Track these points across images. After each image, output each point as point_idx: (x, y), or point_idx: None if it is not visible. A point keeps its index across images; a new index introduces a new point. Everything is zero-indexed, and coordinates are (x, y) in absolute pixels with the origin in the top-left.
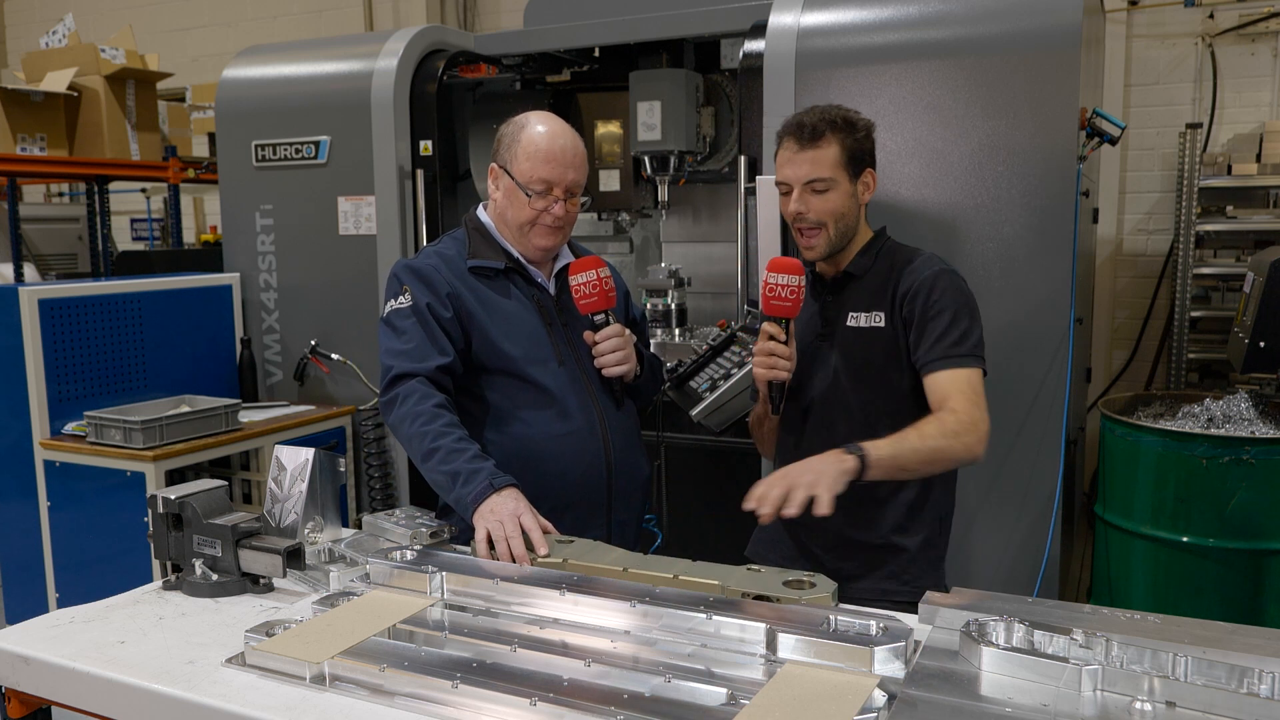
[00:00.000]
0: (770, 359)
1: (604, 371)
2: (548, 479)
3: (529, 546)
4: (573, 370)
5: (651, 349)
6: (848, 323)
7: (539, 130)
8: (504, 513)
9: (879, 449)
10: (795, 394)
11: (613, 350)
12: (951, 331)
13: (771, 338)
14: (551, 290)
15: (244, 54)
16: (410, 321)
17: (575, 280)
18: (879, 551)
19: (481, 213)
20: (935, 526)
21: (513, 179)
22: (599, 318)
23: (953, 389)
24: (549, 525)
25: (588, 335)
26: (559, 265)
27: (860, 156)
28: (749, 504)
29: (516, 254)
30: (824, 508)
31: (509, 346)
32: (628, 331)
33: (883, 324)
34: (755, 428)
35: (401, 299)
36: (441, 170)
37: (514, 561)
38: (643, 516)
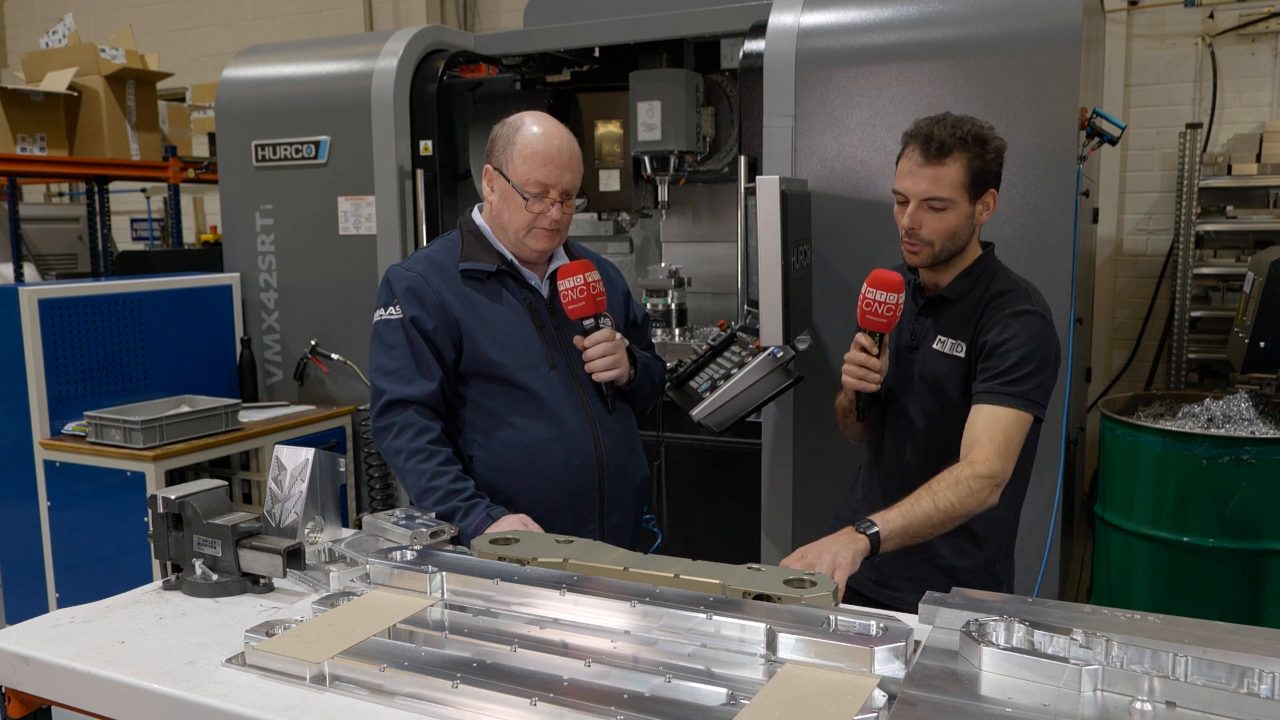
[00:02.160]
0: (860, 370)
1: (594, 376)
2: (539, 484)
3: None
4: (564, 374)
5: (653, 347)
6: (934, 345)
7: (534, 132)
8: (508, 530)
9: (890, 523)
10: (883, 398)
11: (601, 355)
12: (1013, 370)
13: (864, 349)
14: (545, 292)
15: (244, 54)
16: (399, 336)
17: (563, 285)
18: (939, 575)
19: (476, 215)
20: (996, 549)
21: (509, 181)
22: (588, 322)
23: (984, 433)
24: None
25: (577, 340)
26: (552, 267)
27: (985, 177)
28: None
29: (510, 256)
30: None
31: (498, 353)
32: (618, 336)
33: (962, 354)
34: (837, 414)
35: (391, 310)
36: (441, 170)
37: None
38: (639, 520)
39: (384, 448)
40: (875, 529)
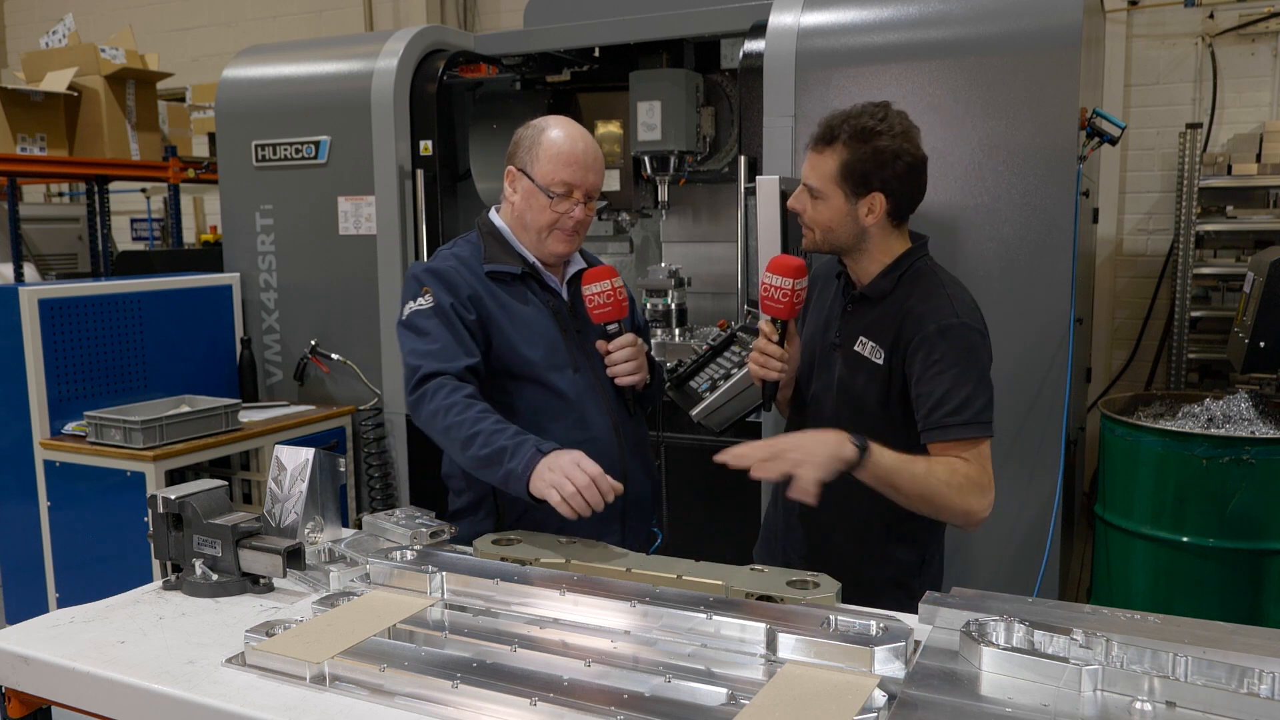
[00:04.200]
0: (761, 357)
1: (617, 381)
2: None
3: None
4: (588, 377)
5: (651, 350)
6: (855, 346)
7: (560, 133)
8: (563, 464)
9: (884, 458)
10: (799, 394)
11: (626, 360)
12: (956, 397)
13: (765, 335)
14: (565, 296)
15: (244, 54)
16: (434, 322)
17: (590, 290)
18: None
19: (495, 216)
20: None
21: (533, 181)
22: (612, 327)
23: (958, 458)
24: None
25: (600, 344)
26: (570, 271)
27: (864, 177)
28: (722, 457)
29: (532, 259)
30: (808, 496)
31: (529, 351)
32: (640, 341)
33: (880, 361)
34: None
35: (422, 300)
36: (441, 170)
37: (602, 502)
38: (651, 523)
39: (421, 417)
40: (867, 448)
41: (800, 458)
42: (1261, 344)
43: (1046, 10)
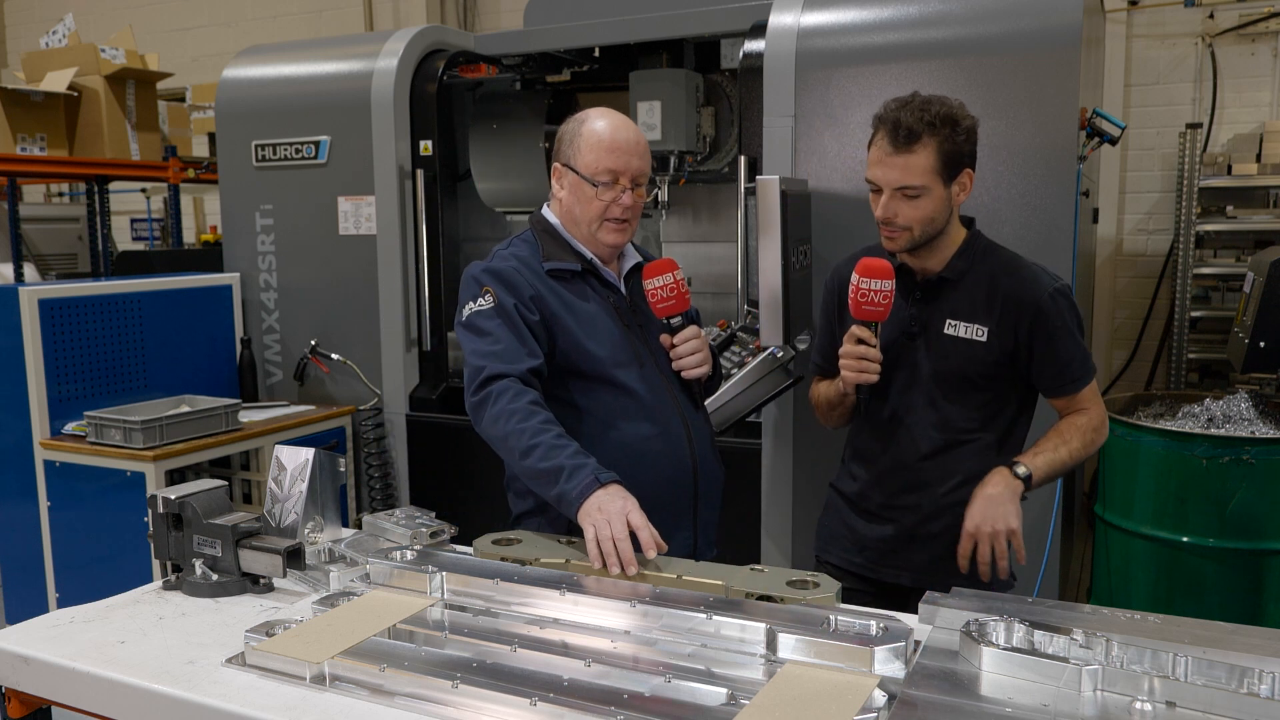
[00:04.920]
0: (860, 363)
1: (684, 374)
2: (641, 482)
3: (636, 548)
4: (652, 372)
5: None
6: (945, 330)
7: (600, 123)
8: (612, 511)
9: (1038, 468)
10: (878, 395)
11: (693, 352)
12: (1079, 352)
13: (861, 341)
14: (623, 290)
15: (244, 54)
16: (496, 323)
17: (653, 284)
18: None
19: (547, 212)
20: None
21: (578, 173)
22: (676, 320)
23: (1082, 398)
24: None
25: (664, 338)
26: (626, 265)
27: (958, 159)
28: (964, 565)
29: (589, 255)
30: (1021, 554)
31: (596, 348)
32: (702, 333)
33: (984, 338)
34: (822, 409)
35: (482, 301)
36: (441, 170)
37: (621, 567)
38: (719, 516)
39: (483, 420)
40: (1029, 474)
41: (1005, 524)
42: (1261, 344)
43: (1046, 10)
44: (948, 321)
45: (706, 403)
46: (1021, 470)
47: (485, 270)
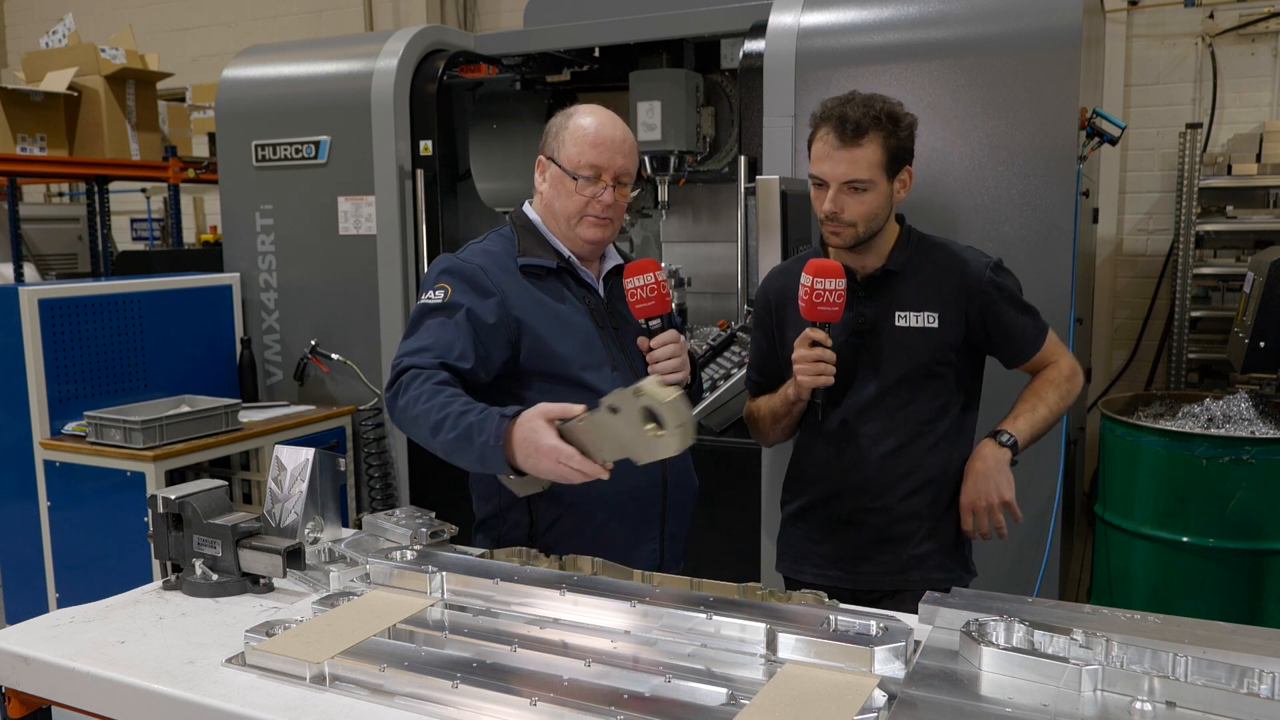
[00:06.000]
0: (818, 365)
1: (661, 379)
2: (603, 490)
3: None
4: (626, 376)
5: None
6: (896, 322)
7: (587, 118)
8: (541, 446)
9: (1020, 431)
10: (831, 400)
11: (670, 357)
12: (1027, 317)
13: (815, 343)
14: (601, 292)
15: (244, 54)
16: (438, 320)
17: (632, 283)
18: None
19: (529, 209)
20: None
21: (560, 167)
22: (654, 323)
23: (1046, 354)
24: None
25: (642, 341)
26: (607, 266)
27: (900, 155)
28: (973, 535)
29: (567, 253)
30: (1017, 514)
31: (561, 348)
32: (681, 337)
33: (936, 324)
34: (764, 422)
35: (433, 295)
36: (441, 170)
37: (589, 476)
38: (691, 530)
39: (395, 414)
40: (1013, 439)
41: (1001, 492)
42: (1261, 344)
43: (1046, 10)
44: (897, 314)
45: (706, 402)
46: (1005, 438)
47: (446, 270)
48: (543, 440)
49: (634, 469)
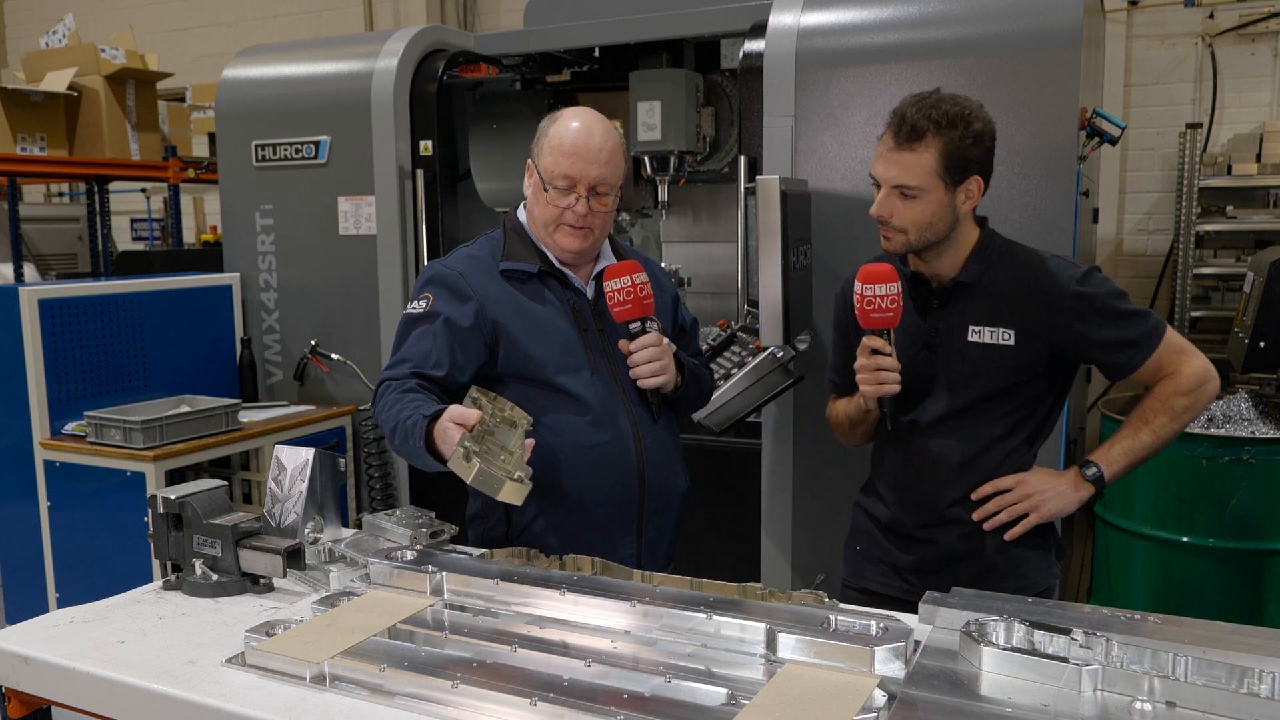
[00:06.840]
0: (878, 374)
1: (639, 383)
2: (575, 492)
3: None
4: (607, 380)
5: (700, 350)
6: (969, 337)
7: (570, 125)
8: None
9: (1113, 463)
10: (901, 410)
11: (648, 360)
12: (1124, 326)
13: (875, 351)
14: (590, 294)
15: (244, 54)
16: (420, 329)
17: (610, 286)
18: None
19: (520, 212)
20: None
21: (538, 174)
22: (634, 326)
23: (1161, 364)
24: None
25: (622, 344)
26: (599, 268)
27: (964, 163)
28: (984, 492)
29: (553, 257)
30: (1014, 532)
31: (538, 352)
32: (666, 341)
33: (1011, 342)
34: (842, 427)
35: (416, 304)
36: (441, 170)
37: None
38: (677, 536)
39: (378, 420)
40: (1099, 475)
41: (1036, 504)
42: (1261, 344)
43: (1046, 10)
44: (970, 329)
45: (711, 401)
46: (1091, 472)
47: (430, 279)
48: (450, 439)
49: (611, 470)
